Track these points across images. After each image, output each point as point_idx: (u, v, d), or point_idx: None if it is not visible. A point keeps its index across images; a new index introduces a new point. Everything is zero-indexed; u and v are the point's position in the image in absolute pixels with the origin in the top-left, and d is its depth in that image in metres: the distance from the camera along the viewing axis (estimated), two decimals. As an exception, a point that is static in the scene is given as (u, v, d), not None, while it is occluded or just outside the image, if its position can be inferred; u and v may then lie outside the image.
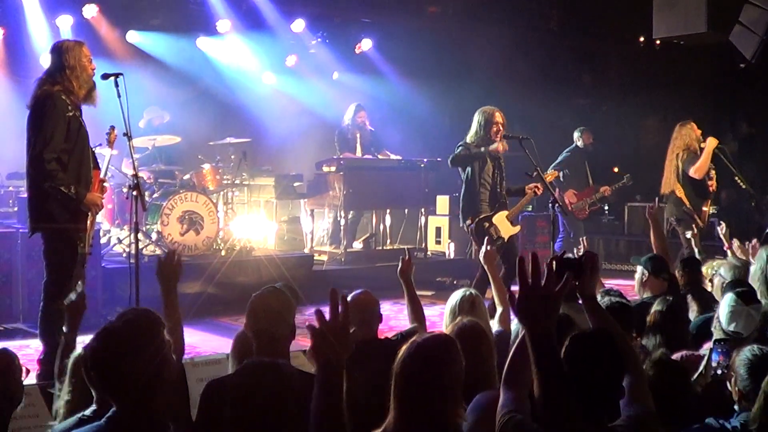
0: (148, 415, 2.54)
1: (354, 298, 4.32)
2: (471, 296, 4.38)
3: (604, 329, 2.80)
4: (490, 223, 7.18)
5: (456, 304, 4.35)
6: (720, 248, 7.06)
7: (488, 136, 7.17)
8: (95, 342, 2.58)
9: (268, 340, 3.26)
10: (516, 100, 12.28)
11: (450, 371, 2.66)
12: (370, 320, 4.30)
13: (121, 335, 2.55)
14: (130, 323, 2.57)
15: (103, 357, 2.55)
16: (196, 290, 8.00)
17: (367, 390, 3.90)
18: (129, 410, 2.52)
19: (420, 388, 2.62)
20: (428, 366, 2.63)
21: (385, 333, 6.96)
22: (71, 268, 5.36)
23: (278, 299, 3.35)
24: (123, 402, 2.54)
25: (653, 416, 2.73)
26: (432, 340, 2.74)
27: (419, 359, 2.64)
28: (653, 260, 5.33)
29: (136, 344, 2.53)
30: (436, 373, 2.62)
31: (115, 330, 2.56)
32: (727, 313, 3.94)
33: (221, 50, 11.80)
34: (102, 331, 2.58)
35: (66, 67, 5.37)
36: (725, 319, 3.93)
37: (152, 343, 2.58)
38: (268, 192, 10.33)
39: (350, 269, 9.57)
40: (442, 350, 2.69)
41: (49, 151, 5.21)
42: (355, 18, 12.48)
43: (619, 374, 2.63)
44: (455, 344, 2.75)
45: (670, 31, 9.35)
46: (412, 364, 2.64)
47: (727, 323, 3.92)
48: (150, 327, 2.60)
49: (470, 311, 4.28)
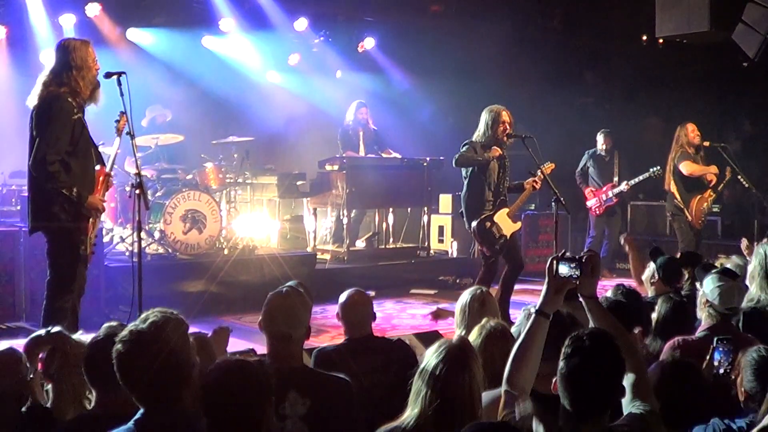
0: (175, 415, 2.57)
1: (347, 297, 4.34)
2: (482, 294, 4.37)
3: (605, 329, 2.80)
4: (492, 223, 7.17)
5: (466, 302, 4.33)
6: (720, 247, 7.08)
7: (495, 135, 7.15)
8: (121, 345, 2.59)
9: (283, 341, 3.26)
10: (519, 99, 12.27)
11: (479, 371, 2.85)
12: (363, 318, 4.31)
13: (148, 338, 2.56)
14: (156, 326, 2.59)
15: (130, 360, 2.57)
16: (199, 289, 8.02)
17: (366, 384, 3.93)
18: (157, 410, 2.54)
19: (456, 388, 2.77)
20: (463, 369, 2.80)
21: (387, 331, 6.99)
22: (74, 266, 5.37)
23: (296, 300, 3.34)
24: (150, 402, 2.56)
25: (655, 415, 2.73)
26: (462, 344, 2.91)
27: (450, 362, 2.80)
28: (667, 268, 5.26)
29: (162, 346, 2.55)
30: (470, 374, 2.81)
31: (142, 333, 2.57)
32: (717, 294, 3.95)
33: (224, 49, 11.81)
34: (128, 334, 2.59)
35: (72, 67, 5.35)
36: (717, 299, 3.94)
37: (178, 344, 2.59)
38: (270, 191, 10.33)
39: (353, 268, 9.57)
40: (472, 352, 2.90)
41: (53, 153, 5.21)
42: (358, 17, 12.48)
43: (619, 373, 2.63)
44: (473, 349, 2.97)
45: (673, 30, 9.35)
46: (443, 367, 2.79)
47: (722, 303, 3.93)
48: (175, 328, 2.62)
49: (480, 309, 4.28)
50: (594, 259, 2.97)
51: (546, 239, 10.77)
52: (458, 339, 2.93)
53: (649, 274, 5.31)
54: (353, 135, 10.23)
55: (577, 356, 2.57)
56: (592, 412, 2.58)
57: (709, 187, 8.89)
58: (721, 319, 3.99)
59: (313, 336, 5.33)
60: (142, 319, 2.63)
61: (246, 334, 6.23)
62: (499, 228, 7.19)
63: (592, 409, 2.58)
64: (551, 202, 7.43)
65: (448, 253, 10.59)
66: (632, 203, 12.76)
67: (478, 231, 7.18)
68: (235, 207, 9.56)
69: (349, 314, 4.30)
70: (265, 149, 11.50)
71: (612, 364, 2.59)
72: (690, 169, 8.85)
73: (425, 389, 2.78)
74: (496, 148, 7.13)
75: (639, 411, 2.70)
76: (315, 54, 12.60)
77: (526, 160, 7.41)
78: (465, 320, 4.29)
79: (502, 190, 7.28)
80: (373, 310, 4.38)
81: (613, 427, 2.64)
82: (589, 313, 2.99)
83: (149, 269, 6.83)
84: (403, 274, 9.77)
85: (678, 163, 8.86)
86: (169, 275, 8.06)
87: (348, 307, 4.31)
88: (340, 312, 4.33)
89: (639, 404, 2.72)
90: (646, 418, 2.68)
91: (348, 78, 12.84)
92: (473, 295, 4.35)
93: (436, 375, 2.77)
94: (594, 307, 2.99)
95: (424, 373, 2.80)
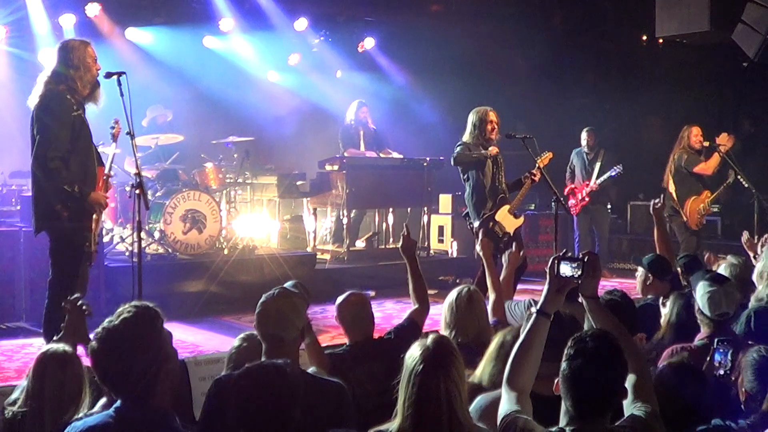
0: (152, 408, 2.61)
1: (344, 300, 4.33)
2: (469, 291, 4.37)
3: (607, 330, 2.80)
4: (494, 222, 7.19)
5: (453, 300, 4.33)
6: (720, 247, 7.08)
7: (484, 134, 7.22)
8: (95, 342, 2.62)
9: (275, 343, 3.27)
10: (519, 99, 12.30)
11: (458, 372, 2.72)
12: (362, 321, 4.30)
13: (119, 334, 2.59)
14: (127, 322, 2.62)
15: (103, 356, 2.59)
16: (199, 289, 8.03)
17: (367, 388, 3.92)
18: (132, 403, 2.59)
19: (430, 390, 2.66)
20: (437, 369, 2.68)
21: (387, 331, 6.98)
22: (77, 266, 5.38)
23: (286, 303, 3.33)
24: (126, 396, 2.61)
25: (656, 416, 2.72)
26: (438, 344, 2.78)
27: (425, 361, 2.69)
28: (655, 263, 5.28)
29: (135, 342, 2.59)
30: (445, 375, 2.67)
31: (114, 330, 2.59)
32: (706, 300, 3.94)
33: (224, 49, 11.81)
34: (101, 331, 2.62)
35: (71, 66, 5.38)
36: (707, 306, 3.93)
37: (151, 339, 2.62)
38: (270, 191, 10.32)
39: (353, 268, 9.56)
40: (450, 353, 2.75)
41: (53, 150, 5.22)
42: (358, 16, 12.49)
43: (622, 374, 2.63)
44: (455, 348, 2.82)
45: (673, 30, 9.37)
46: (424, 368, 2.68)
47: (711, 310, 3.92)
48: (148, 323, 2.64)
49: (468, 307, 4.28)
50: (595, 259, 2.96)
51: (546, 239, 10.76)
52: (435, 336, 2.81)
53: (642, 279, 5.28)
54: (354, 134, 10.24)
55: (580, 357, 2.56)
56: (594, 413, 2.58)
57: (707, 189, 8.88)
58: (715, 326, 3.97)
59: (314, 336, 5.33)
60: (117, 315, 2.66)
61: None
62: (501, 227, 7.20)
63: (594, 411, 2.58)
64: (551, 202, 7.44)
65: (448, 253, 10.59)
66: (632, 203, 12.77)
67: (481, 231, 7.19)
68: (235, 207, 9.55)
69: (343, 315, 4.30)
70: (265, 149, 11.50)
71: (615, 365, 2.59)
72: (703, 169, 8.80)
73: (403, 392, 2.71)
74: (494, 147, 7.18)
75: (640, 412, 2.69)
76: (315, 54, 12.61)
77: (526, 160, 7.41)
78: (453, 319, 4.28)
79: (500, 187, 7.31)
80: (371, 311, 4.37)
81: (615, 428, 2.64)
82: (590, 313, 2.98)
83: (149, 269, 6.83)
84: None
85: (688, 166, 8.80)
86: (169, 275, 8.06)
87: (341, 308, 4.30)
88: (336, 313, 4.33)
89: (640, 405, 2.71)
90: (647, 419, 2.68)
91: (348, 78, 12.84)
92: (459, 293, 4.33)
93: (411, 376, 2.69)
94: (595, 307, 2.98)
95: (404, 375, 2.73)
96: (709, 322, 3.97)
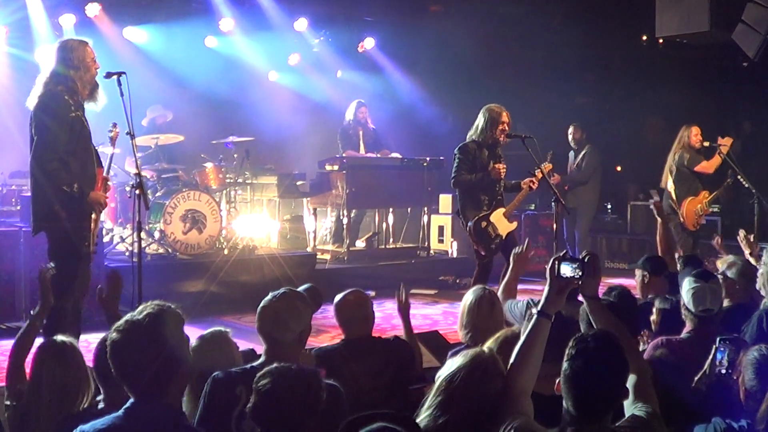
0: (164, 406, 2.61)
1: (344, 298, 4.33)
2: (490, 296, 4.30)
3: (608, 330, 2.80)
4: (487, 222, 7.16)
5: (474, 303, 4.25)
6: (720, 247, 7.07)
7: (493, 135, 7.13)
8: (117, 334, 2.62)
9: (270, 343, 3.31)
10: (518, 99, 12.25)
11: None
12: (362, 318, 4.30)
13: (142, 328, 2.60)
14: (150, 317, 2.63)
15: (123, 348, 2.61)
16: (199, 289, 8.02)
17: (364, 385, 3.92)
18: (146, 400, 2.59)
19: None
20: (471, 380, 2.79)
21: (387, 331, 6.98)
22: (75, 266, 5.36)
23: (285, 305, 3.32)
24: (140, 391, 2.61)
25: (657, 417, 2.72)
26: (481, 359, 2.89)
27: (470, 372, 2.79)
28: (651, 261, 5.32)
29: (156, 338, 2.60)
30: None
31: (137, 323, 2.61)
32: (690, 296, 3.95)
33: (224, 48, 11.81)
34: (124, 323, 2.64)
35: (70, 66, 5.35)
36: (691, 302, 3.94)
37: (171, 337, 2.63)
38: (270, 191, 10.32)
39: (353, 268, 9.57)
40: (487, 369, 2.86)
41: (52, 151, 5.21)
42: (358, 16, 12.48)
43: (623, 375, 2.62)
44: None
45: (673, 30, 9.36)
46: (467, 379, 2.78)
47: (695, 305, 3.93)
48: (171, 322, 2.65)
49: (490, 312, 4.24)
50: (595, 259, 2.96)
51: (546, 239, 10.75)
52: (487, 352, 2.90)
53: (639, 279, 5.30)
54: (353, 134, 10.24)
55: (582, 357, 2.56)
56: (596, 413, 2.57)
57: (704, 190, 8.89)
58: (698, 321, 3.98)
59: (313, 336, 5.33)
60: (140, 310, 2.67)
61: (246, 334, 6.20)
62: (494, 228, 7.17)
63: (596, 411, 2.57)
64: (551, 203, 7.41)
65: (448, 253, 10.58)
66: (632, 203, 12.75)
67: (473, 230, 7.18)
68: (235, 207, 9.56)
69: (340, 313, 4.30)
70: (265, 149, 11.49)
71: (616, 365, 2.59)
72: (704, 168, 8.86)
73: (437, 395, 2.77)
74: (497, 167, 7.09)
75: (641, 412, 2.69)
76: (315, 54, 12.60)
77: (526, 160, 7.40)
78: (472, 321, 4.23)
79: (498, 190, 7.27)
80: (371, 310, 4.36)
81: (616, 428, 2.64)
82: (591, 314, 2.98)
83: (149, 269, 6.83)
84: (403, 274, 9.72)
85: (689, 165, 8.83)
86: (169, 275, 8.06)
87: (338, 307, 4.31)
88: (334, 312, 4.33)
89: (641, 405, 2.72)
90: (648, 419, 2.68)
91: (348, 78, 12.84)
92: (481, 296, 4.27)
93: (449, 382, 2.75)
94: (596, 307, 2.98)
95: (444, 378, 2.79)
96: (692, 318, 3.99)
